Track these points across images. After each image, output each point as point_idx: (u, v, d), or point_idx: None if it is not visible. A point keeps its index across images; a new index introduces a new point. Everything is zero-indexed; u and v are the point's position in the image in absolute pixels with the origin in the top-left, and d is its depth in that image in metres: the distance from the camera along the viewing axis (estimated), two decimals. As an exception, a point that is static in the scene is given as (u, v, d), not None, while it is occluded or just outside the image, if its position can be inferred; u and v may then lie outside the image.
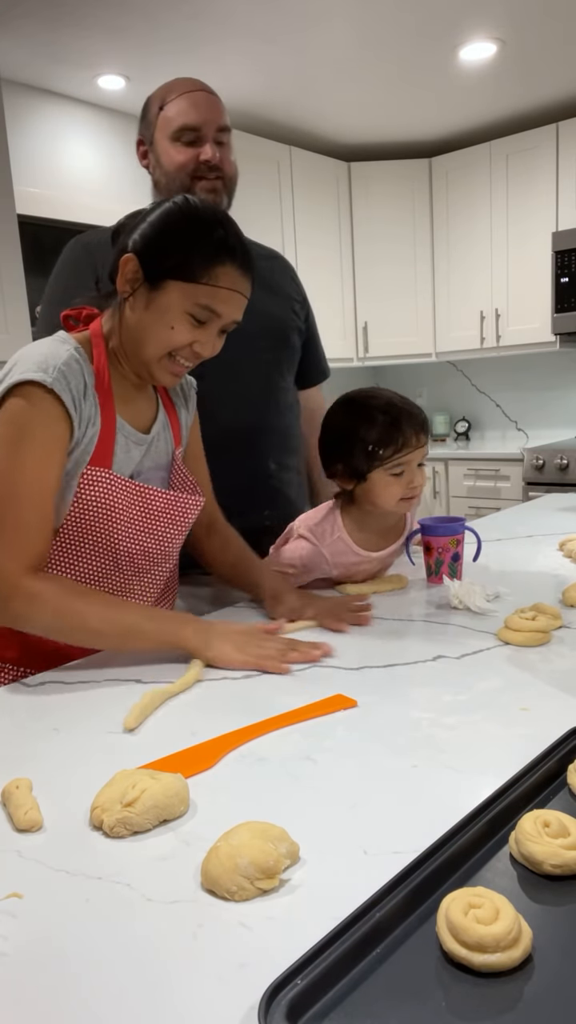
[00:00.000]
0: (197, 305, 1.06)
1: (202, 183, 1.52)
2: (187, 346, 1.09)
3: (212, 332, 1.10)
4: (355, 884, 0.58)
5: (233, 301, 1.09)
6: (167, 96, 1.53)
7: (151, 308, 1.08)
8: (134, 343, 1.11)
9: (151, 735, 0.87)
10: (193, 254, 1.05)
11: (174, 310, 1.07)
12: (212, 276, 1.05)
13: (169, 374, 1.13)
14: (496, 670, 1.00)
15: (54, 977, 0.52)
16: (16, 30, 2.78)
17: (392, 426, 1.28)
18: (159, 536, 1.20)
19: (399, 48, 3.11)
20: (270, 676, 1.03)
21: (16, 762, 0.82)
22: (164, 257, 1.06)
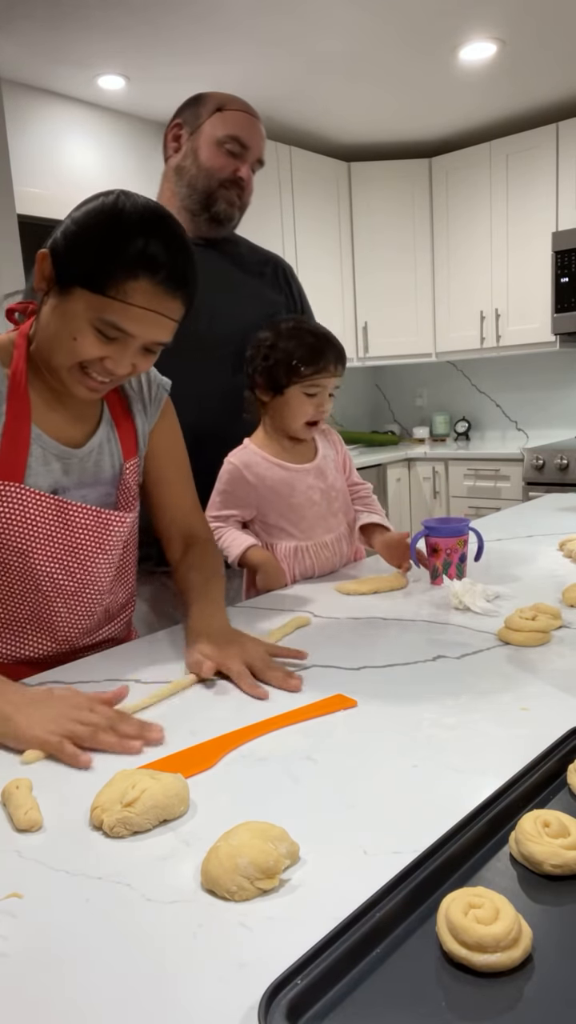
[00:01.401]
0: (102, 320, 0.95)
1: (226, 193, 1.60)
2: (97, 361, 0.98)
3: (127, 351, 0.98)
4: (355, 884, 0.58)
5: (149, 321, 0.96)
6: (228, 104, 1.60)
7: (57, 313, 0.98)
8: (45, 348, 1.02)
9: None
10: (104, 263, 0.93)
11: (79, 320, 0.95)
12: (123, 292, 0.93)
13: (83, 387, 1.02)
14: (496, 670, 1.00)
15: (54, 977, 0.52)
16: (16, 30, 2.78)
17: (316, 348, 1.39)
18: (80, 555, 1.10)
19: (399, 48, 3.11)
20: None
21: (16, 762, 0.82)
22: (75, 260, 0.95)
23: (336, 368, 1.41)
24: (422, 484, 4.25)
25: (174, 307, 0.98)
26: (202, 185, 1.57)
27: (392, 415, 5.07)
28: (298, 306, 1.77)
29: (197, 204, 1.59)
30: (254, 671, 0.99)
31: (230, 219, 1.61)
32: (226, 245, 1.68)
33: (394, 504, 4.19)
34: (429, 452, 4.25)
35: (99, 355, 0.98)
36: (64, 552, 1.09)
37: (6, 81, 3.07)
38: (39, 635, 1.14)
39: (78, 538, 1.10)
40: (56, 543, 1.08)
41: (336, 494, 1.52)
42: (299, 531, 1.48)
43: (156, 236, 0.95)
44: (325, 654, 1.09)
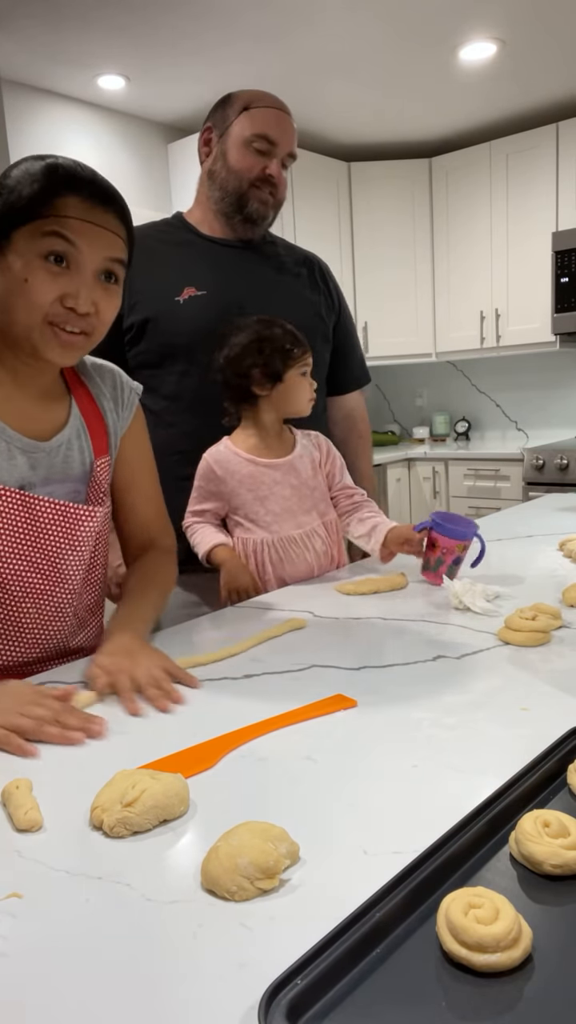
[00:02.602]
0: (45, 237, 0.93)
1: (258, 192, 1.58)
2: (57, 302, 0.95)
3: (83, 279, 0.96)
4: (355, 884, 0.58)
5: (92, 234, 0.96)
6: (255, 101, 1.57)
7: (4, 270, 0.96)
8: (5, 318, 0.99)
9: (151, 735, 0.87)
10: (31, 192, 0.94)
11: (25, 259, 0.94)
12: (55, 208, 0.94)
13: (56, 345, 0.99)
14: (496, 670, 1.00)
15: (54, 977, 0.52)
16: (16, 30, 2.78)
17: (294, 332, 1.46)
18: (48, 551, 1.08)
19: (399, 48, 3.11)
20: (270, 676, 1.03)
21: (16, 762, 0.82)
22: (4, 211, 0.95)
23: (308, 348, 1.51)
24: (422, 484, 4.25)
25: (109, 219, 0.98)
26: (233, 187, 1.57)
27: (392, 415, 5.08)
28: (335, 304, 1.78)
29: (230, 206, 1.59)
30: (138, 687, 0.97)
31: (264, 218, 1.61)
32: (264, 246, 1.68)
33: (394, 504, 4.19)
34: (429, 452, 4.25)
35: (56, 292, 0.95)
36: (32, 549, 1.06)
37: (6, 81, 3.07)
38: (7, 639, 1.09)
39: (47, 534, 1.07)
40: (23, 539, 1.05)
41: (308, 492, 1.51)
42: (266, 524, 1.48)
43: (72, 164, 0.98)
44: (325, 654, 1.09)
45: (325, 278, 1.77)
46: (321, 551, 1.54)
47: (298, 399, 1.48)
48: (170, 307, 1.55)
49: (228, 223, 1.62)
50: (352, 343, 1.84)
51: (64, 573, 1.11)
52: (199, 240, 1.64)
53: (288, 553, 1.49)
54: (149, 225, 1.66)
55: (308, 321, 1.61)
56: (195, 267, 1.59)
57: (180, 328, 1.55)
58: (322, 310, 1.72)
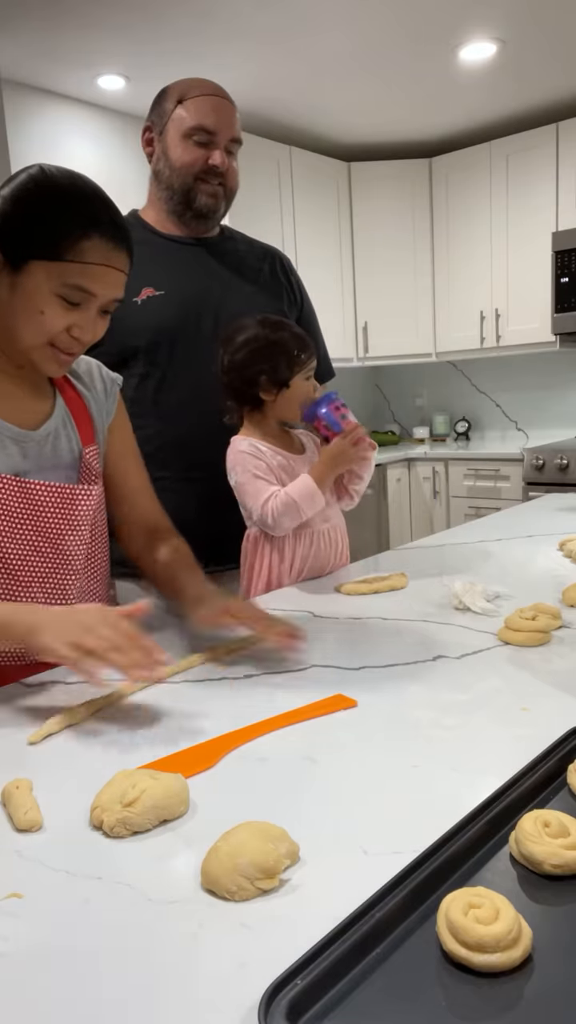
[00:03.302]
0: (66, 285, 0.98)
1: (204, 186, 1.53)
2: (64, 332, 1.01)
3: (90, 315, 1.02)
4: (355, 884, 0.58)
5: (108, 278, 1.00)
6: (188, 92, 1.52)
7: (17, 293, 0.99)
8: (6, 332, 1.03)
9: (151, 735, 0.87)
10: (55, 229, 0.96)
11: (42, 293, 0.98)
12: (78, 252, 0.97)
13: (53, 362, 1.05)
14: (496, 670, 1.00)
15: (54, 977, 0.52)
16: (16, 30, 2.78)
17: (301, 335, 1.46)
18: (48, 533, 1.10)
19: (399, 48, 3.11)
20: (270, 676, 1.03)
21: (16, 762, 0.82)
22: (23, 235, 0.97)
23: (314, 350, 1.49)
24: (422, 484, 4.24)
25: (123, 260, 1.03)
26: (178, 184, 1.53)
27: (392, 415, 5.08)
28: (297, 298, 1.75)
29: (179, 204, 1.55)
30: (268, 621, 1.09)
31: (215, 211, 1.57)
32: (223, 242, 1.65)
33: (394, 504, 4.19)
34: (429, 452, 4.25)
35: (65, 324, 1.00)
36: (32, 533, 1.08)
37: (6, 81, 3.07)
38: None
39: (45, 517, 1.09)
40: (23, 524, 1.07)
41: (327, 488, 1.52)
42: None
43: (91, 197, 1.01)
44: (325, 654, 1.09)
45: (286, 272, 1.74)
46: (339, 546, 1.56)
47: (300, 405, 1.47)
48: (128, 308, 1.50)
49: (180, 221, 1.57)
50: (315, 337, 1.82)
51: (67, 555, 1.13)
52: (156, 239, 1.59)
53: (317, 546, 1.51)
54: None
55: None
56: (152, 267, 1.54)
57: (139, 329, 1.51)
58: (283, 305, 1.69)
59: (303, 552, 1.50)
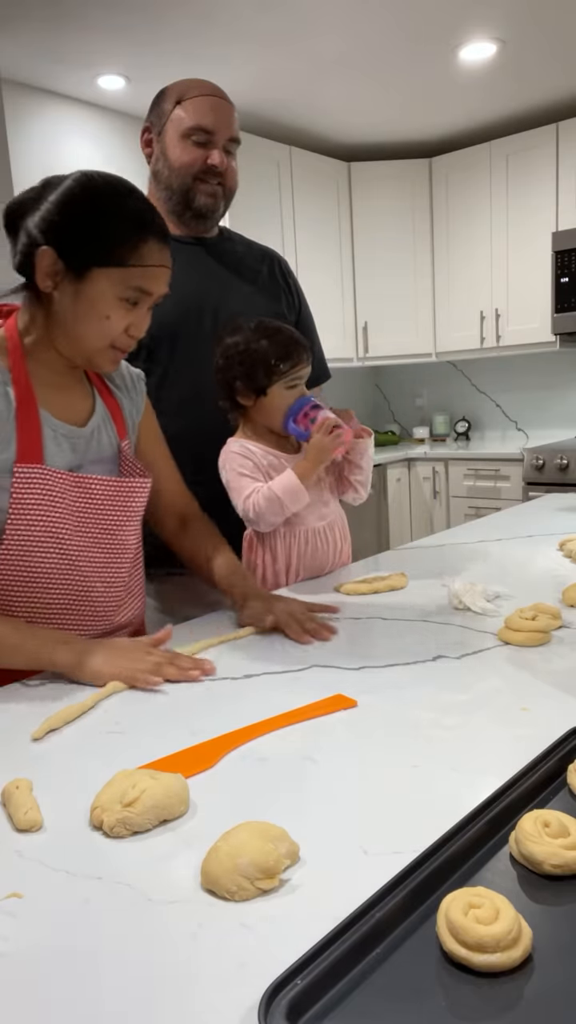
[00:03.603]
0: (129, 288, 1.04)
1: (203, 186, 1.53)
2: (123, 332, 1.08)
3: (143, 312, 1.09)
4: (355, 884, 0.58)
5: (163, 276, 1.08)
6: (186, 93, 1.52)
7: (81, 299, 1.04)
8: (69, 337, 1.08)
9: (151, 735, 0.87)
10: (114, 237, 1.02)
11: (107, 298, 1.04)
12: (138, 256, 1.03)
13: (111, 361, 1.12)
14: (496, 670, 1.00)
15: (54, 977, 0.52)
16: (16, 30, 2.78)
17: (288, 343, 1.43)
18: (107, 526, 1.16)
19: (399, 48, 3.11)
20: (270, 676, 1.03)
21: (16, 762, 0.82)
22: (83, 245, 1.02)
23: (307, 358, 1.46)
24: (422, 484, 4.24)
25: (169, 258, 1.09)
26: (177, 184, 1.53)
27: (392, 415, 5.08)
28: (296, 301, 1.75)
29: (179, 204, 1.55)
30: (299, 621, 1.17)
31: (214, 210, 1.57)
32: (222, 243, 1.65)
33: (394, 504, 4.19)
34: (429, 452, 4.25)
35: (125, 325, 1.07)
36: (91, 525, 1.14)
37: (6, 81, 3.07)
38: (76, 616, 1.16)
39: (102, 509, 1.15)
40: (82, 518, 1.13)
41: (321, 484, 1.53)
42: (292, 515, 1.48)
43: (135, 198, 1.06)
44: (325, 654, 1.09)
45: (285, 274, 1.74)
46: (339, 544, 1.56)
47: (278, 414, 1.44)
48: None
49: (179, 221, 1.57)
50: (311, 341, 1.81)
51: (122, 543, 1.19)
52: None
53: (313, 544, 1.51)
54: None
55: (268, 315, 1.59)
56: None
57: None
58: (282, 307, 1.69)
59: (298, 550, 1.50)
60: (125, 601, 1.24)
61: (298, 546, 1.50)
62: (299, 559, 1.50)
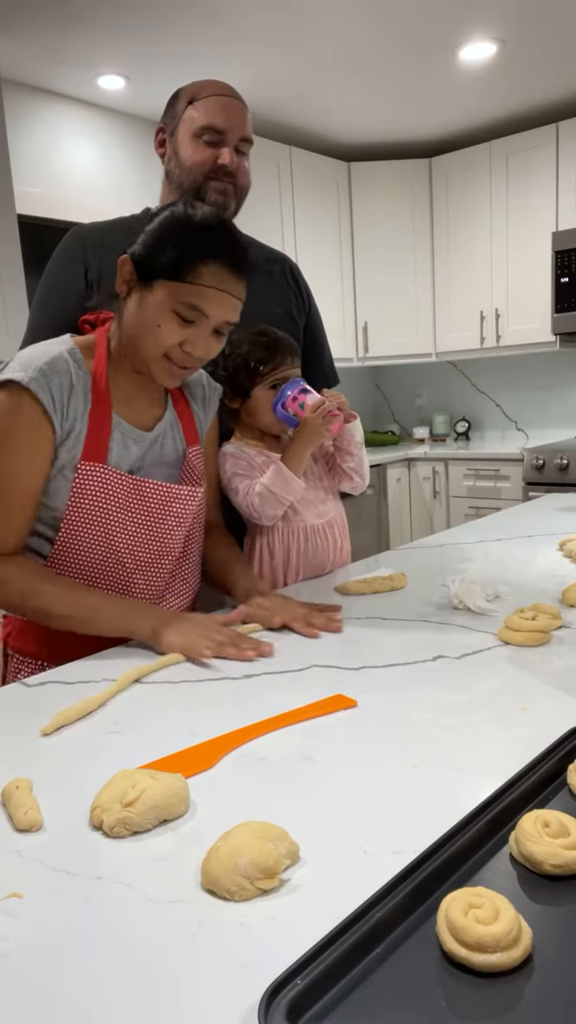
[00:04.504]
0: (182, 303, 1.09)
1: (214, 184, 1.54)
2: (177, 346, 1.12)
3: (203, 332, 1.12)
4: (355, 884, 0.58)
5: (220, 301, 1.11)
6: (199, 93, 1.53)
7: (142, 307, 1.11)
8: (132, 343, 1.15)
9: (151, 735, 0.87)
10: (180, 253, 1.08)
11: (161, 308, 1.10)
12: (197, 274, 1.08)
13: (167, 374, 1.16)
14: (496, 670, 1.00)
15: (54, 977, 0.52)
16: (16, 30, 2.78)
17: (270, 346, 1.45)
18: (156, 528, 1.22)
19: (399, 48, 3.11)
20: (270, 676, 1.03)
21: (16, 762, 0.82)
22: (155, 258, 1.10)
23: (293, 360, 1.48)
24: (422, 484, 4.25)
25: (239, 287, 1.13)
26: (188, 183, 1.53)
27: (392, 415, 5.08)
28: (306, 304, 1.75)
29: None
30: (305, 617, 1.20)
31: (225, 209, 1.55)
32: None
33: (394, 504, 4.19)
34: (429, 452, 4.25)
35: (179, 339, 1.11)
36: (140, 526, 1.20)
37: (6, 81, 3.07)
38: None
39: (153, 512, 1.21)
40: (133, 517, 1.19)
41: (318, 480, 1.53)
42: (290, 513, 1.48)
43: (219, 228, 1.12)
44: (325, 654, 1.09)
45: (295, 278, 1.74)
46: (339, 543, 1.56)
47: (263, 415, 1.46)
48: None
49: None
50: (321, 344, 1.81)
51: (167, 545, 1.25)
52: None
53: (313, 542, 1.51)
54: (119, 219, 1.64)
55: (277, 321, 1.58)
56: None
57: None
58: (292, 310, 1.69)
59: (298, 548, 1.50)
60: (163, 596, 1.30)
61: (298, 544, 1.50)
62: (299, 557, 1.51)
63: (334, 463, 1.55)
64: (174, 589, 1.32)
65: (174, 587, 1.32)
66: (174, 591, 1.32)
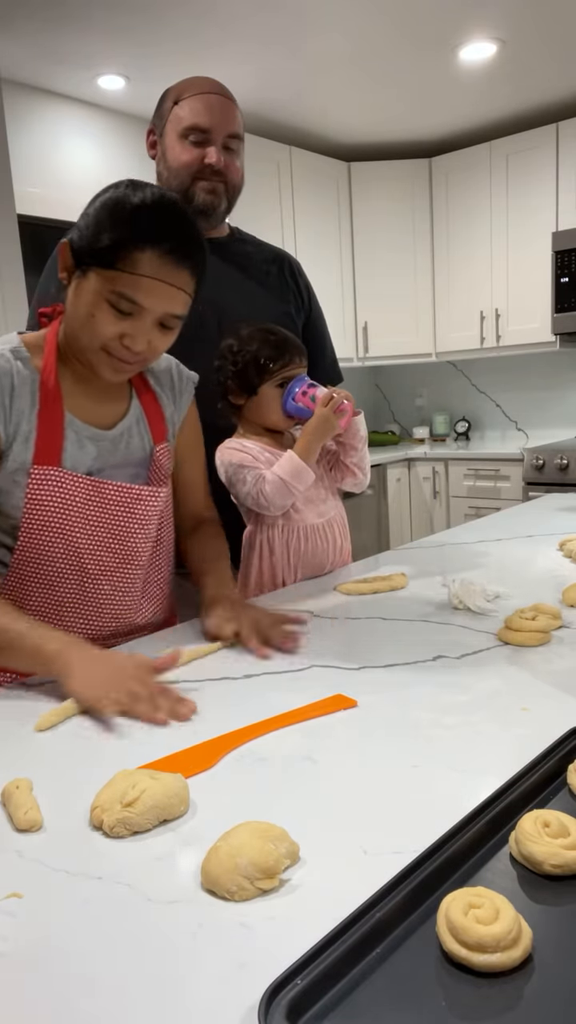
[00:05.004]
0: (115, 293, 1.01)
1: (202, 183, 1.52)
2: (115, 339, 1.04)
3: (142, 326, 1.04)
4: (355, 884, 0.58)
5: (159, 292, 1.02)
6: (183, 93, 1.52)
7: (77, 296, 1.05)
8: (71, 334, 1.09)
9: (151, 735, 0.87)
10: (113, 238, 1.00)
11: (95, 297, 1.02)
12: (131, 263, 1.00)
13: (108, 368, 1.09)
14: (496, 670, 1.00)
15: (54, 977, 0.52)
16: (16, 30, 2.78)
17: (279, 344, 1.46)
18: (118, 531, 1.16)
19: (399, 48, 3.11)
20: (270, 676, 1.03)
21: (16, 762, 0.82)
22: (89, 243, 1.02)
23: (300, 359, 1.48)
24: (422, 484, 4.25)
25: (182, 278, 1.04)
26: (176, 184, 1.52)
27: (392, 415, 5.08)
28: (306, 302, 1.75)
29: None
30: (261, 631, 1.10)
31: (215, 207, 1.55)
32: (232, 244, 1.65)
33: (394, 504, 4.19)
34: (429, 452, 4.25)
35: (116, 332, 1.03)
36: (102, 530, 1.15)
37: (6, 81, 3.07)
38: (84, 617, 1.18)
39: (114, 515, 1.15)
40: (94, 522, 1.14)
41: (319, 482, 1.52)
42: (291, 511, 1.48)
43: (160, 211, 1.03)
44: (325, 654, 1.09)
45: (295, 275, 1.73)
46: (339, 542, 1.56)
47: (268, 412, 1.46)
48: None
49: None
50: (323, 342, 1.80)
51: (133, 550, 1.19)
52: None
53: (313, 542, 1.51)
54: None
55: (274, 320, 1.57)
56: None
57: None
58: (291, 309, 1.68)
59: (298, 548, 1.50)
60: (141, 605, 1.25)
61: (297, 543, 1.50)
62: (299, 557, 1.50)
63: (335, 461, 1.55)
64: (149, 594, 1.27)
65: (149, 592, 1.26)
66: (149, 596, 1.27)
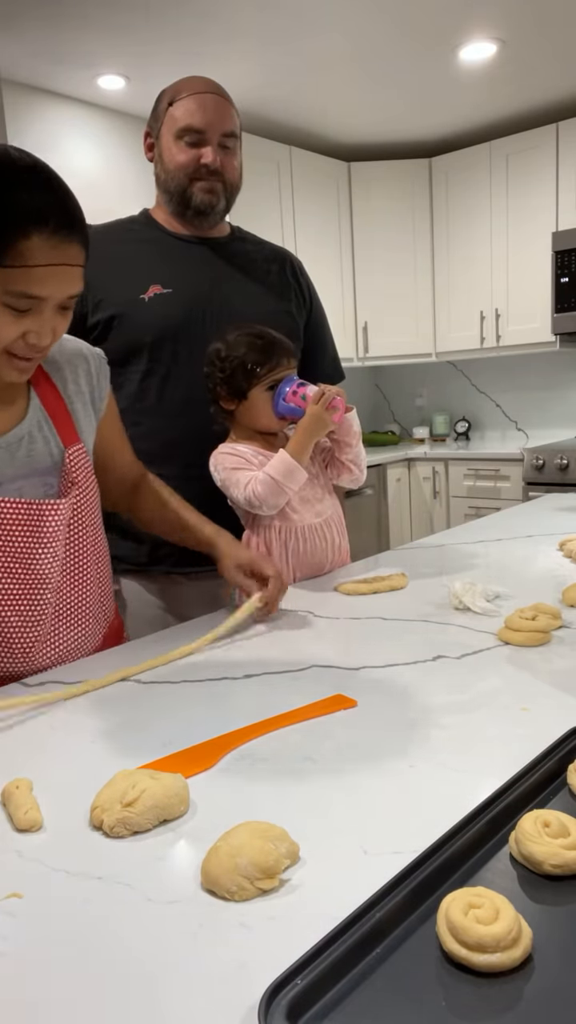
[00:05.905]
0: (11, 294, 0.88)
1: (200, 184, 1.53)
2: (19, 339, 0.93)
3: (44, 317, 0.93)
4: (355, 884, 0.58)
5: (56, 276, 0.90)
6: (178, 94, 1.52)
7: None
8: None
9: (151, 735, 0.87)
10: None
11: None
12: (19, 256, 0.86)
13: (12, 370, 0.98)
14: (496, 670, 1.00)
15: (54, 977, 0.52)
16: (16, 30, 2.78)
17: (266, 348, 1.45)
18: (19, 554, 1.03)
19: (399, 48, 3.11)
20: (269, 676, 1.03)
21: (16, 762, 0.82)
22: None
23: (289, 361, 1.47)
24: (422, 484, 4.24)
25: (74, 253, 0.92)
26: (174, 186, 1.53)
27: (392, 415, 5.08)
28: (307, 301, 1.75)
29: (179, 205, 1.55)
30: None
31: (213, 206, 1.56)
32: (232, 243, 1.66)
33: (394, 504, 4.19)
34: (429, 452, 4.25)
35: (18, 332, 0.92)
36: (2, 553, 1.02)
37: (6, 81, 3.07)
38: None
39: (13, 536, 1.03)
40: None
41: (313, 478, 1.53)
42: (286, 513, 1.48)
43: (32, 186, 0.88)
44: (325, 654, 1.09)
45: (296, 274, 1.73)
46: (337, 541, 1.56)
47: (259, 416, 1.46)
48: (135, 305, 1.52)
49: (184, 221, 1.58)
50: (323, 341, 1.80)
51: (39, 573, 1.06)
52: (165, 237, 1.60)
53: (311, 542, 1.51)
54: (116, 222, 1.64)
55: (275, 319, 1.58)
56: (161, 264, 1.56)
57: (145, 326, 1.51)
58: (292, 307, 1.68)
59: (296, 548, 1.50)
60: (49, 640, 1.11)
61: (295, 544, 1.50)
62: (297, 557, 1.50)
63: (331, 458, 1.55)
64: (74, 621, 1.14)
65: (75, 619, 1.14)
66: (73, 623, 1.14)
